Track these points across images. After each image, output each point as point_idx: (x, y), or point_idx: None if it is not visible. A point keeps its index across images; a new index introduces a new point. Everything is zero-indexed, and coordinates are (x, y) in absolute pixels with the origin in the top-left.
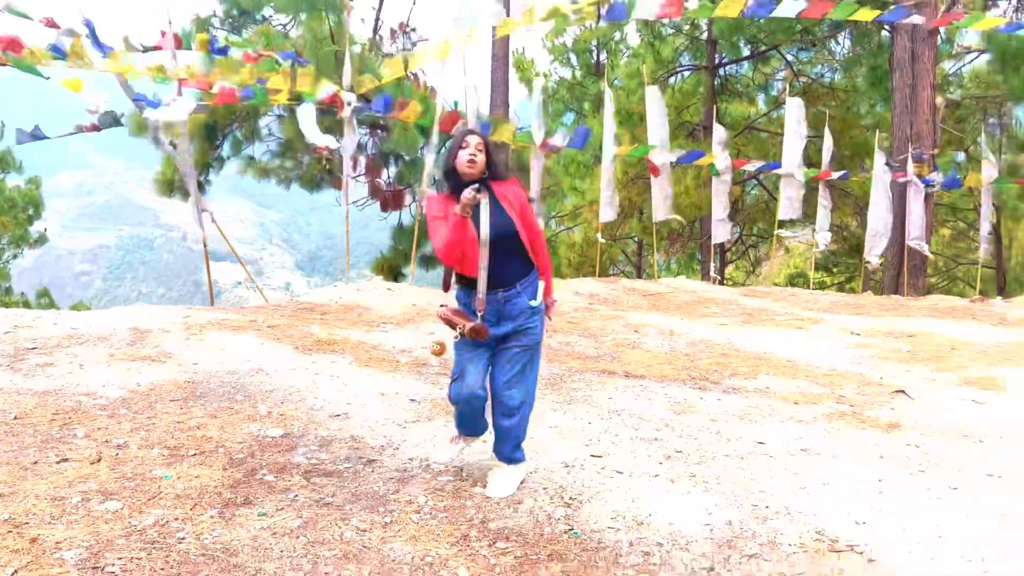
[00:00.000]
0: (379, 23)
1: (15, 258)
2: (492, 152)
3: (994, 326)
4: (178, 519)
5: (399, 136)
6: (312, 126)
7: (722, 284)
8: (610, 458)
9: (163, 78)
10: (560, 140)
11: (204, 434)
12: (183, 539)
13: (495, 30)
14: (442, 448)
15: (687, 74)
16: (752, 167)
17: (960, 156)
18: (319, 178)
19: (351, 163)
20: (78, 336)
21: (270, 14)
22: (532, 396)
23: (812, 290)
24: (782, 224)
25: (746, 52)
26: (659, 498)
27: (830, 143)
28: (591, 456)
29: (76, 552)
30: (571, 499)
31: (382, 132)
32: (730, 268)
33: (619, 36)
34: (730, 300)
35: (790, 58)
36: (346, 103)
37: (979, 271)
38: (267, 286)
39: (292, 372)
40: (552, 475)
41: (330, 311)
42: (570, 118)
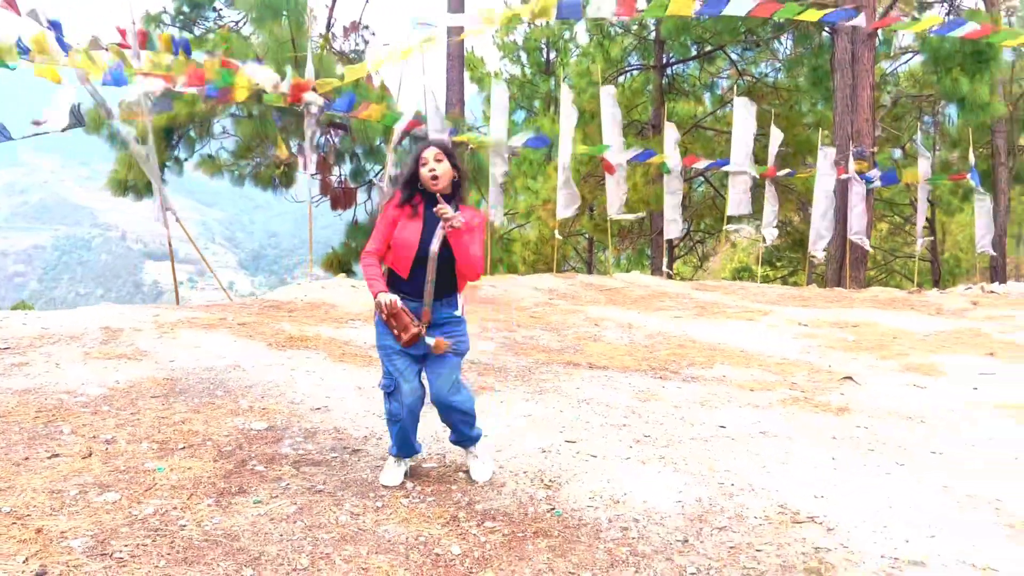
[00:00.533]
0: (332, 21)
1: None
2: (454, 156)
3: (931, 316)
4: (176, 508)
5: (359, 133)
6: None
7: (670, 279)
8: (583, 443)
9: (130, 72)
10: (519, 141)
11: (190, 428)
12: (184, 526)
13: (454, 32)
14: (387, 472)
15: (635, 73)
16: (702, 164)
17: (896, 153)
18: (275, 178)
19: (314, 161)
20: (49, 336)
21: (220, 7)
22: (468, 391)
23: (760, 284)
24: (731, 220)
25: (692, 52)
26: (632, 479)
27: (777, 141)
28: (565, 442)
29: (82, 540)
30: (550, 481)
31: (339, 131)
32: (677, 263)
33: (568, 35)
34: (683, 294)
35: (735, 58)
36: (311, 103)
37: (916, 264)
38: (210, 286)
39: (269, 368)
40: (530, 460)
41: (297, 308)
42: (521, 116)
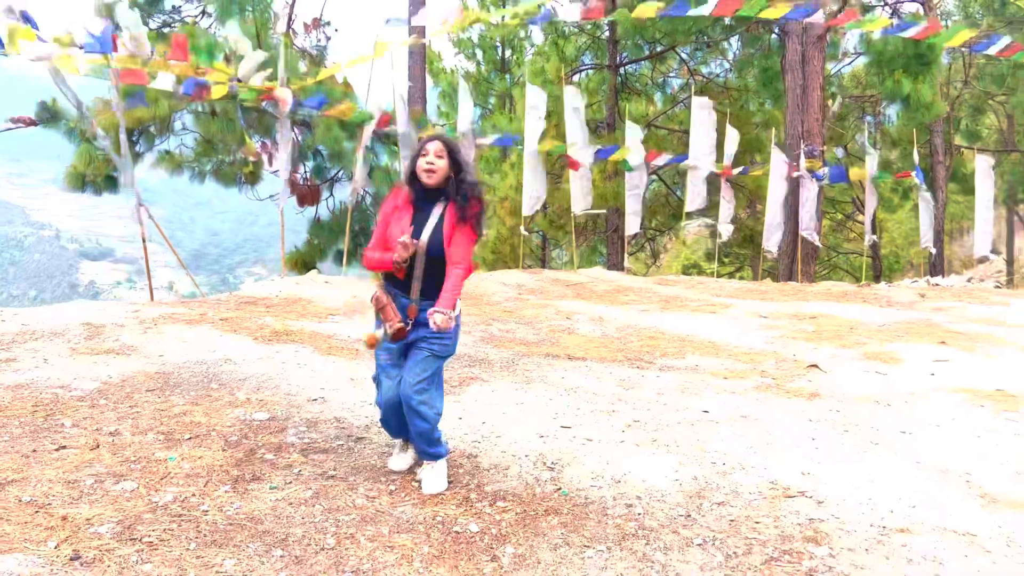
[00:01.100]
0: (292, 18)
1: None
2: (457, 154)
3: (883, 308)
4: (195, 495)
5: (323, 132)
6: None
7: (632, 275)
8: (578, 428)
9: (104, 66)
10: (489, 140)
11: (192, 420)
12: (207, 512)
13: (417, 31)
14: (395, 458)
15: (591, 72)
16: (661, 160)
17: (840, 152)
18: (240, 175)
19: (283, 159)
20: (31, 332)
21: (179, 3)
22: (438, 402)
23: (718, 279)
24: (689, 216)
25: (645, 52)
26: (629, 460)
27: (733, 140)
28: (561, 427)
29: (109, 526)
30: (553, 464)
31: (302, 128)
32: (630, 259)
33: (523, 34)
34: (645, 288)
35: (685, 58)
36: (285, 100)
37: (864, 259)
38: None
39: (260, 361)
40: (530, 444)
41: (274, 304)
42: (477, 113)
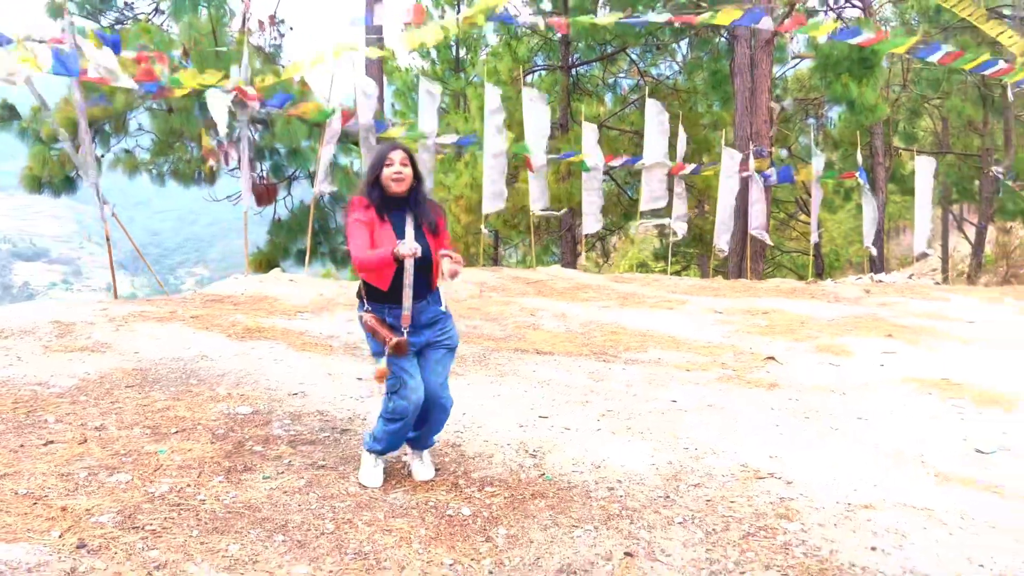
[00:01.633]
0: (247, 15)
1: None
2: (416, 164)
3: (831, 303)
4: (190, 485)
5: (282, 130)
6: (222, 112)
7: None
8: (556, 418)
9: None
10: (451, 140)
11: (176, 414)
12: (204, 501)
13: (373, 31)
14: (366, 474)
15: (544, 73)
16: (618, 162)
17: (784, 153)
18: (199, 174)
19: (241, 158)
20: (0, 331)
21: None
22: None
23: (671, 276)
24: (644, 215)
25: (596, 53)
26: (606, 447)
27: (684, 140)
28: (539, 417)
29: (110, 516)
30: (534, 451)
31: (260, 127)
32: (580, 258)
33: (477, 34)
34: (603, 286)
35: (638, 60)
36: (253, 97)
37: (811, 257)
38: (87, 287)
39: (236, 357)
40: (511, 433)
41: (241, 302)
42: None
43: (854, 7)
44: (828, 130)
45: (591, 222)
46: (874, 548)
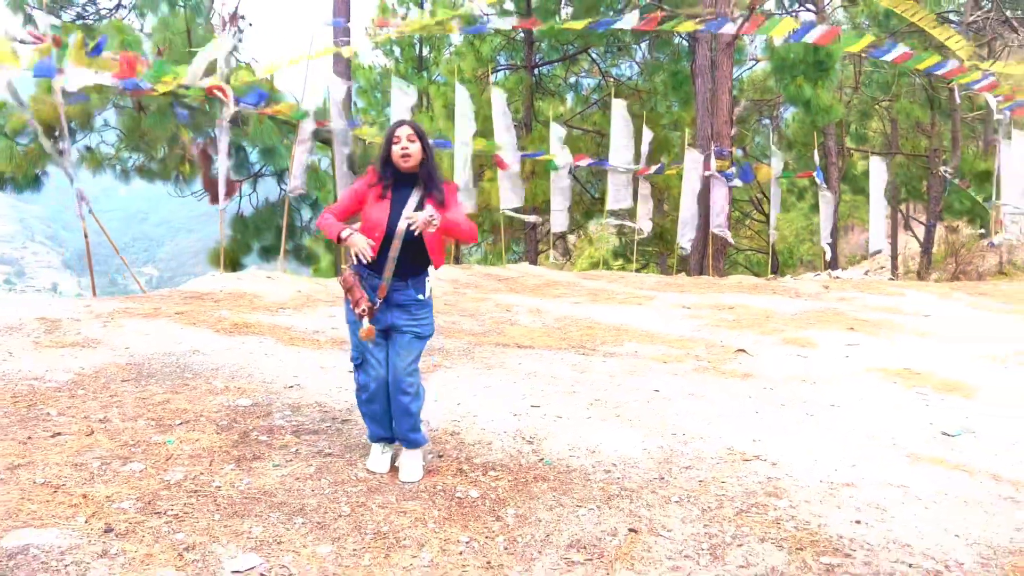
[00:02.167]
0: (211, 12)
1: None
2: (426, 138)
3: (793, 299)
4: (203, 473)
5: (255, 129)
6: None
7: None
8: (547, 407)
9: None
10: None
11: (177, 407)
12: (219, 488)
13: (341, 32)
14: (373, 460)
15: (508, 73)
16: (584, 163)
17: (739, 152)
18: (177, 174)
19: (216, 156)
20: None
21: None
22: (423, 386)
23: (636, 274)
24: (612, 214)
25: (560, 53)
26: (598, 433)
27: (648, 140)
28: (531, 406)
29: (130, 503)
30: (531, 438)
31: (231, 125)
32: (542, 256)
33: (440, 33)
34: (572, 282)
35: (600, 60)
36: (230, 96)
37: (769, 255)
38: (31, 287)
39: (228, 352)
40: (506, 422)
41: (221, 299)
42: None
43: (808, 11)
44: (782, 131)
45: (559, 220)
46: (858, 521)
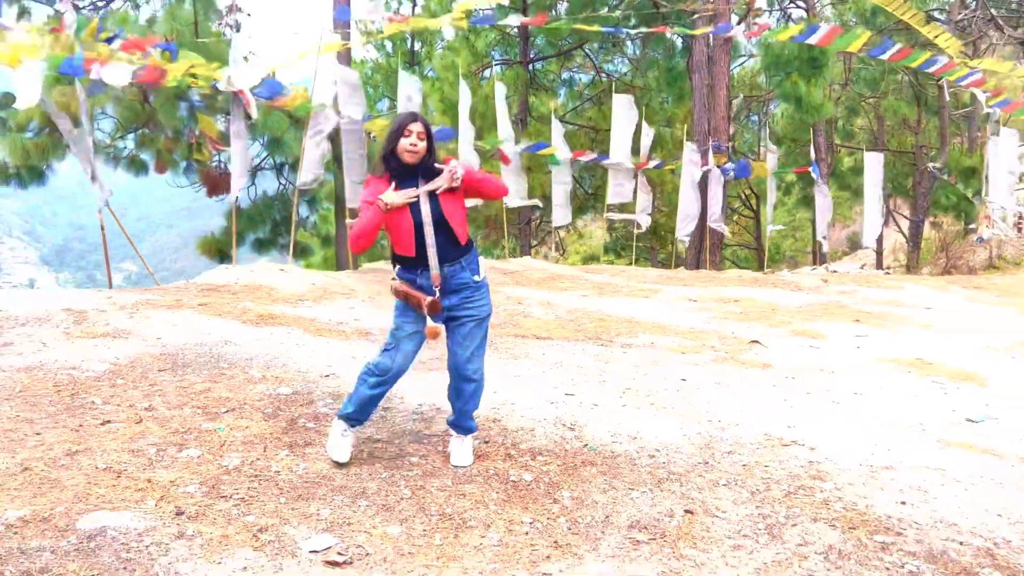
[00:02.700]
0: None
1: None
2: (432, 137)
3: (794, 292)
4: (259, 459)
5: (263, 119)
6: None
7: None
8: (581, 395)
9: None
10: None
11: (219, 396)
12: (279, 472)
13: (340, 26)
14: (335, 447)
15: (504, 69)
16: (586, 158)
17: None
18: (190, 162)
19: (233, 150)
20: (15, 318)
21: None
22: (483, 369)
23: (636, 267)
24: (611, 208)
25: (555, 49)
26: (635, 420)
27: (649, 135)
28: (565, 395)
29: (195, 487)
30: (572, 425)
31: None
32: (534, 251)
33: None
34: (576, 276)
35: (595, 58)
36: (252, 103)
37: (764, 251)
38: (7, 283)
39: (258, 342)
40: (544, 410)
41: (237, 291)
42: (385, 105)
43: (798, 7)
44: (772, 126)
45: (560, 214)
46: (903, 503)
